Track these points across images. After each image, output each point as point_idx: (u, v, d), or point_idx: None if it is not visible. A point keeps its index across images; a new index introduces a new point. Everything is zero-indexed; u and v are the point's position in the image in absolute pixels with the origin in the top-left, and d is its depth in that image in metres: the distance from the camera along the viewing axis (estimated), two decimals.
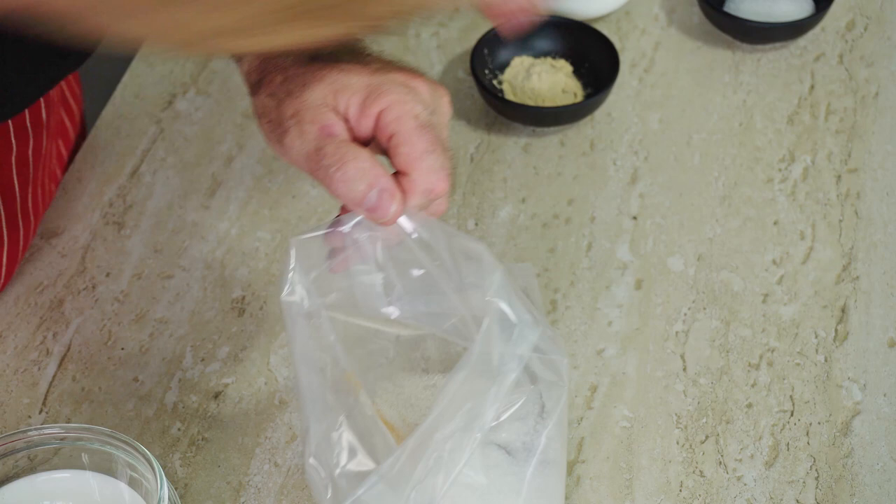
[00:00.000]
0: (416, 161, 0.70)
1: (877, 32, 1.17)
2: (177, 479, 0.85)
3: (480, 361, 0.71)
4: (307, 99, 0.71)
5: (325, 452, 0.73)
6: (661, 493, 0.85)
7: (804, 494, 0.84)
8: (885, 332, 0.93)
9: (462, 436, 0.70)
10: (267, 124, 0.73)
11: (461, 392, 0.71)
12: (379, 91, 0.71)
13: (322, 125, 0.71)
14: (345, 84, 0.72)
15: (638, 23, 1.18)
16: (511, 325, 0.72)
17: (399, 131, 0.70)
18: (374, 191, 0.69)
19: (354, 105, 0.71)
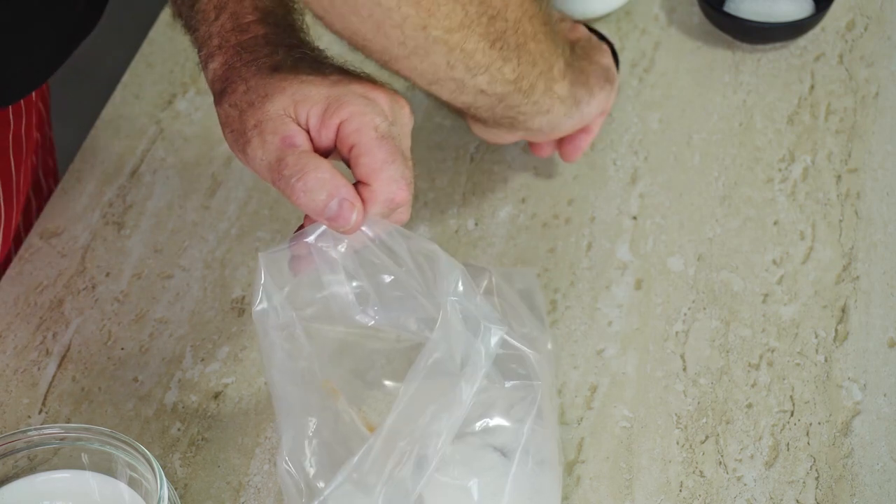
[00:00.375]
0: (377, 172, 0.71)
1: (877, 32, 1.17)
2: (177, 479, 0.85)
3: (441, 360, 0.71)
4: (269, 110, 0.72)
5: (299, 458, 0.73)
6: (661, 494, 0.85)
7: (804, 495, 0.84)
8: (886, 332, 0.93)
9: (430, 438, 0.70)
10: (230, 134, 0.74)
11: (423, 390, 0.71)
12: (339, 102, 0.72)
13: (283, 136, 0.71)
14: (305, 95, 0.72)
15: (638, 23, 1.18)
16: (476, 322, 0.72)
17: (359, 142, 0.71)
18: (334, 200, 0.70)
19: (315, 116, 0.72)
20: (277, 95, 0.72)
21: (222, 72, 0.75)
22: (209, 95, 1.12)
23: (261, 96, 0.73)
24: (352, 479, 0.70)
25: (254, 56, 0.75)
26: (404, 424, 0.70)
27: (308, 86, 0.73)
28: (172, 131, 1.09)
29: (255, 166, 0.72)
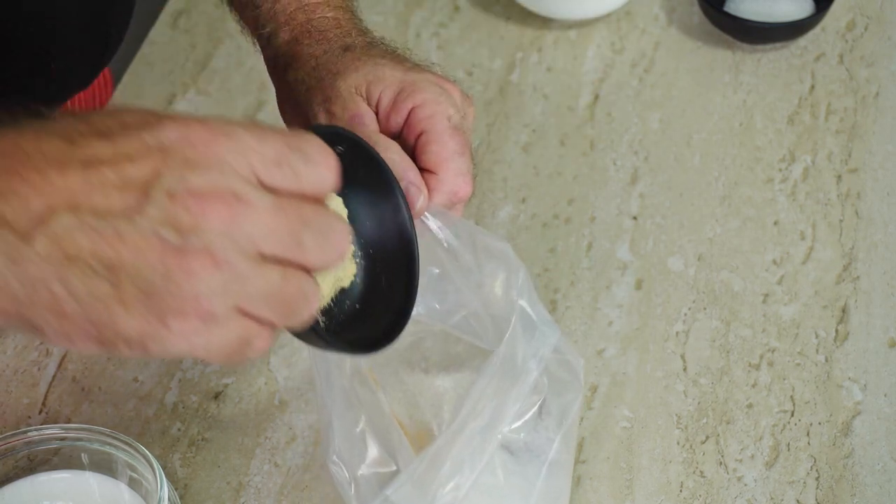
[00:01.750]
0: (445, 161, 0.70)
1: (877, 32, 1.17)
2: (177, 480, 0.85)
3: (507, 362, 0.71)
4: (339, 86, 0.71)
5: (348, 450, 0.73)
6: (661, 494, 0.85)
7: (805, 495, 0.84)
8: (886, 332, 0.93)
9: (483, 436, 0.71)
10: (292, 107, 0.73)
11: (487, 392, 0.71)
12: (413, 87, 0.71)
13: (353, 113, 0.71)
14: (379, 76, 0.71)
15: (638, 23, 1.18)
16: (532, 324, 0.72)
17: (430, 129, 0.70)
18: (402, 183, 0.68)
19: (387, 98, 0.71)
20: (350, 73, 0.72)
21: (287, 47, 0.75)
22: (209, 95, 1.12)
23: (331, 73, 0.72)
24: (411, 480, 0.70)
25: (323, 35, 0.75)
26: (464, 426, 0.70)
27: (382, 67, 0.72)
28: None
29: None
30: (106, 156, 0.52)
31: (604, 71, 1.14)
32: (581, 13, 1.16)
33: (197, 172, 0.52)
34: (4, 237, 0.51)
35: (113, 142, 0.52)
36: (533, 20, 1.18)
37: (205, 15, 1.18)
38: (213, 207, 0.51)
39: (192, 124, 0.52)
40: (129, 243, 0.51)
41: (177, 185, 0.51)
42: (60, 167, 0.51)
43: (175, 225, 0.51)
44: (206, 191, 0.52)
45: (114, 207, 0.51)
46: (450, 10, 1.20)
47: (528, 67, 1.15)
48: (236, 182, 0.52)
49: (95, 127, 0.53)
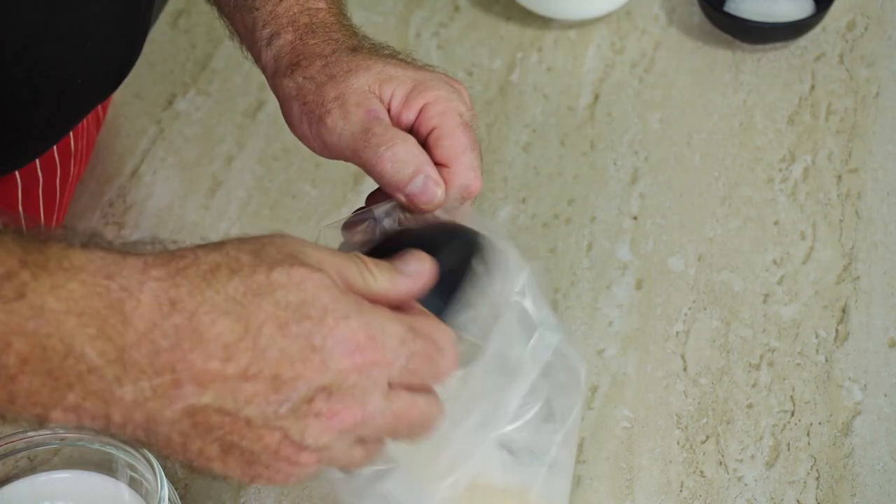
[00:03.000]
0: (459, 155, 0.71)
1: (877, 32, 1.17)
2: (177, 480, 0.85)
3: (497, 359, 0.71)
4: (352, 83, 0.72)
5: None
6: (661, 494, 0.85)
7: (805, 495, 0.84)
8: (886, 332, 0.93)
9: (479, 433, 0.71)
10: (301, 105, 0.74)
11: (477, 389, 0.71)
12: (425, 85, 0.72)
13: (368, 108, 0.72)
14: (391, 74, 0.73)
15: (638, 23, 1.18)
16: (533, 325, 0.72)
17: (442, 125, 0.71)
18: (420, 176, 0.70)
19: (399, 96, 0.72)
20: (362, 72, 0.73)
21: (292, 47, 0.76)
22: (209, 95, 1.12)
23: (343, 71, 0.73)
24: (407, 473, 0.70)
25: (329, 36, 0.76)
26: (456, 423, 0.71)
27: (394, 67, 0.73)
28: (172, 131, 1.09)
29: (333, 137, 0.72)
30: (271, 357, 0.56)
31: (604, 71, 1.14)
32: (581, 13, 1.16)
33: (343, 389, 0.57)
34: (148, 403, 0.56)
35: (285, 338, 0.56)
36: (533, 20, 1.18)
37: (205, 15, 1.18)
38: (341, 419, 0.58)
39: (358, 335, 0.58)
40: (254, 432, 0.57)
41: (321, 395, 0.57)
42: (225, 358, 0.56)
43: (302, 428, 0.57)
44: (342, 404, 0.58)
45: (257, 400, 0.56)
46: (450, 10, 1.20)
47: (528, 67, 1.15)
48: (370, 395, 0.58)
49: (277, 310, 0.57)
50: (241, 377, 0.56)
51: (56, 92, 0.86)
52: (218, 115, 1.11)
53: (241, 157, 1.07)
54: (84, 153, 1.03)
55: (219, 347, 0.55)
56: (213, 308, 0.56)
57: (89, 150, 1.05)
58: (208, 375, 0.55)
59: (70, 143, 0.98)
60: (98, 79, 0.90)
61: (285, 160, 1.06)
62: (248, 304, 0.56)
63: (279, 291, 0.57)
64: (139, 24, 0.91)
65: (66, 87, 0.86)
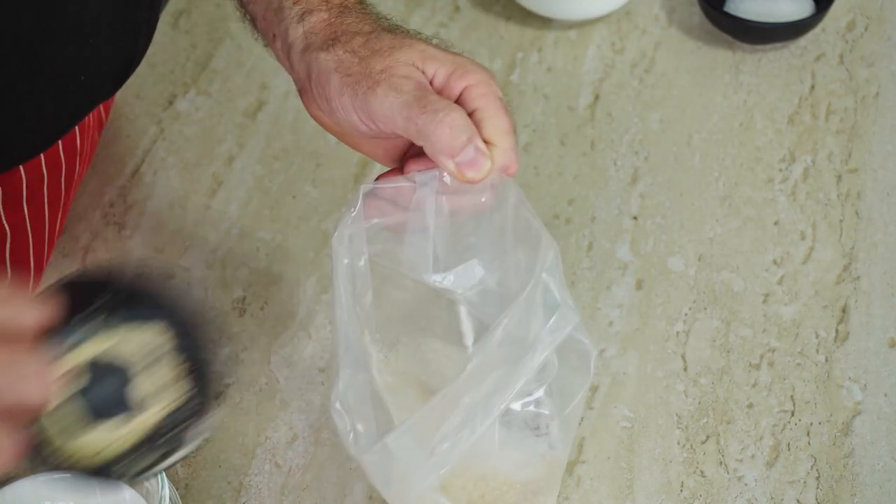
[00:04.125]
0: (503, 136, 0.73)
1: (877, 32, 1.17)
2: (177, 479, 0.85)
3: (516, 330, 0.72)
4: (399, 57, 0.74)
5: (351, 399, 0.74)
6: (661, 494, 0.85)
7: (805, 494, 0.84)
8: (886, 332, 0.93)
9: (488, 402, 0.72)
10: (344, 77, 0.74)
11: (493, 358, 0.72)
12: (465, 69, 0.74)
13: (418, 80, 0.73)
14: (433, 54, 0.74)
15: (638, 23, 1.18)
16: (555, 304, 0.74)
17: (486, 107, 0.73)
18: (471, 146, 0.71)
19: (441, 76, 0.74)
20: (405, 48, 0.74)
21: (328, 24, 0.77)
22: (209, 95, 1.12)
23: (387, 46, 0.74)
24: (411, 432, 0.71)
25: (364, 17, 0.77)
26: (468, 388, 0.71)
27: (433, 48, 0.75)
28: (173, 131, 1.09)
29: (383, 106, 0.73)
30: None
31: (604, 71, 1.14)
32: (581, 13, 1.16)
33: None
34: None
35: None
36: (533, 20, 1.18)
37: (205, 15, 1.18)
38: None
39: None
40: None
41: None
42: None
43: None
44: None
45: None
46: (450, 10, 1.20)
47: (528, 67, 1.15)
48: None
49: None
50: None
51: (56, 88, 0.86)
52: (218, 115, 1.11)
53: (241, 157, 1.07)
54: (88, 153, 1.03)
55: None
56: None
57: (92, 150, 1.05)
58: None
59: (76, 142, 0.98)
60: (100, 77, 0.90)
61: (285, 160, 1.06)
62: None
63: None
64: (143, 23, 0.91)
65: (67, 84, 0.87)
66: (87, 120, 1.00)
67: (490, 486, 0.77)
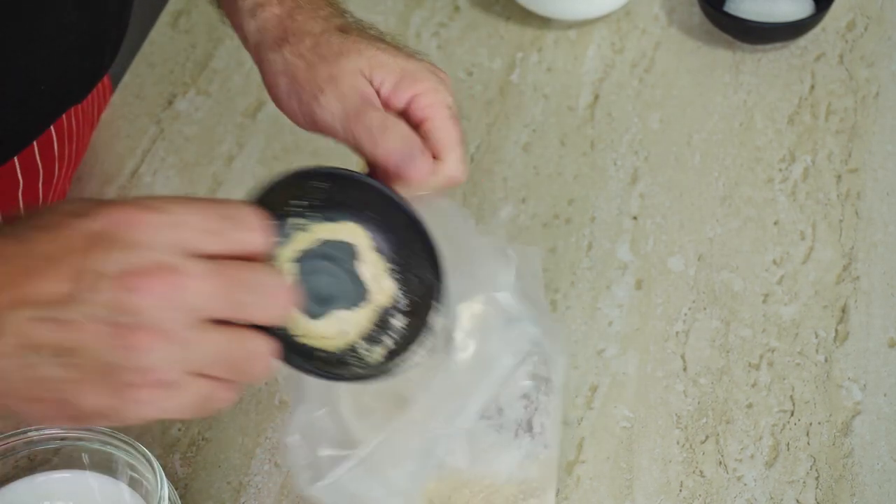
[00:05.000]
0: (449, 148, 0.72)
1: (877, 32, 1.17)
2: (177, 479, 0.85)
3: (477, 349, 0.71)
4: (344, 65, 0.73)
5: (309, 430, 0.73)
6: (661, 494, 0.85)
7: (804, 494, 0.84)
8: (886, 332, 0.93)
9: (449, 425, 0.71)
10: (290, 82, 0.74)
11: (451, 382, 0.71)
12: (414, 77, 0.73)
13: (362, 91, 0.72)
14: (381, 61, 0.73)
15: (638, 23, 1.18)
16: (513, 319, 0.73)
17: (433, 117, 0.72)
18: (414, 152, 0.70)
19: (388, 84, 0.73)
20: (353, 55, 0.73)
21: (278, 21, 0.76)
22: (209, 95, 1.12)
23: (334, 52, 0.73)
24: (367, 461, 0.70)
25: (315, 13, 0.76)
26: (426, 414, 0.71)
27: (383, 53, 0.74)
28: (172, 131, 1.09)
29: (325, 115, 0.72)
30: (46, 250, 0.55)
31: (604, 71, 1.14)
32: (581, 13, 1.16)
33: (129, 252, 0.55)
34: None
35: (52, 233, 0.56)
36: (533, 20, 1.18)
37: (205, 15, 1.18)
38: (149, 283, 0.55)
39: (124, 207, 0.56)
40: (77, 328, 0.55)
41: (112, 267, 0.54)
42: (5, 263, 0.56)
43: (117, 305, 0.54)
44: (140, 268, 0.55)
45: (57, 297, 0.55)
46: (450, 10, 1.20)
47: (528, 67, 1.15)
48: (168, 255, 0.55)
49: (40, 222, 0.57)
50: (27, 276, 0.55)
51: (17, 97, 0.85)
52: (218, 115, 1.11)
53: (241, 157, 1.07)
54: (72, 157, 1.02)
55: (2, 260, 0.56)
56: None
57: (80, 153, 1.05)
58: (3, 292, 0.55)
59: (53, 146, 0.98)
60: (63, 87, 0.89)
61: (285, 160, 1.06)
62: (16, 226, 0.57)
63: (43, 212, 0.58)
64: (109, 35, 0.90)
65: (29, 93, 0.86)
66: (67, 125, 1.00)
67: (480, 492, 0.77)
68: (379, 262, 0.69)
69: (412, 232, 0.68)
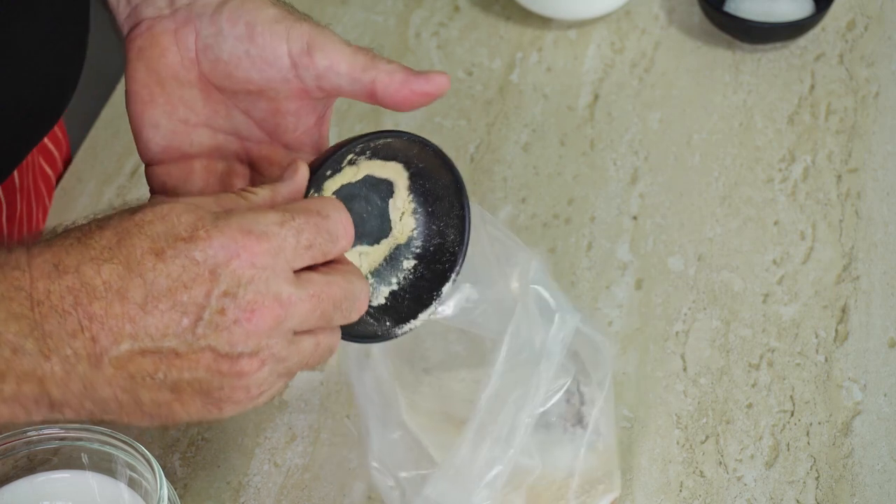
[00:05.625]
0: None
1: (877, 32, 1.17)
2: (176, 479, 0.85)
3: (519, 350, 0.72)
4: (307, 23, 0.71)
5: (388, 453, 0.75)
6: (661, 494, 0.84)
7: (804, 495, 0.84)
8: (886, 332, 0.93)
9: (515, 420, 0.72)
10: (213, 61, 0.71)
11: (507, 380, 0.72)
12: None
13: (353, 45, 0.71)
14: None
15: (638, 23, 1.18)
16: (551, 310, 0.74)
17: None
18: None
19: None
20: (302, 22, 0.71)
21: None
22: None
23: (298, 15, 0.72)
24: (447, 475, 0.71)
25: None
26: (489, 418, 0.72)
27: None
28: None
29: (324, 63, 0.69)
30: (162, 285, 0.57)
31: (604, 71, 1.14)
32: (581, 13, 1.16)
33: (243, 286, 0.58)
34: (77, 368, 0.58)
35: (166, 263, 0.57)
36: (533, 20, 1.18)
37: None
38: (260, 317, 0.58)
39: (230, 235, 0.58)
40: (186, 359, 0.58)
41: (227, 303, 0.58)
42: (121, 300, 0.57)
43: (227, 338, 0.58)
44: (252, 303, 0.58)
45: (171, 330, 0.57)
46: (450, 10, 1.20)
47: (528, 67, 1.15)
48: (276, 285, 0.59)
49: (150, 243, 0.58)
50: (143, 312, 0.57)
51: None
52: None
53: None
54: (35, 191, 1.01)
55: (111, 292, 0.57)
56: (91, 259, 0.58)
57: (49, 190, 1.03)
58: (115, 321, 0.57)
59: (14, 180, 0.96)
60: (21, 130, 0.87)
61: None
62: (123, 245, 0.58)
63: (146, 226, 0.59)
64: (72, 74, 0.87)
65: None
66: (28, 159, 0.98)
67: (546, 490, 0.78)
68: (408, 202, 0.71)
69: (452, 193, 0.71)
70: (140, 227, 0.59)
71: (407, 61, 1.14)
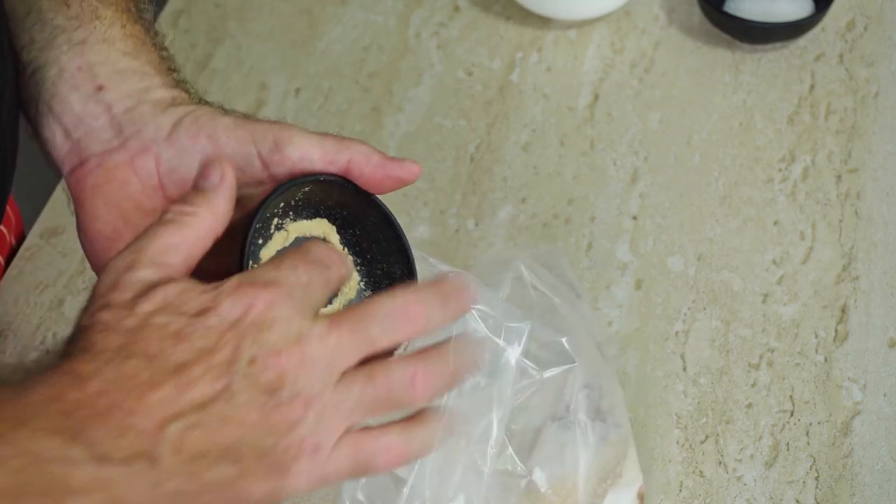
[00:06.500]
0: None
1: (877, 32, 1.17)
2: None
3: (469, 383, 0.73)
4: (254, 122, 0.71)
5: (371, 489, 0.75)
6: (660, 493, 0.85)
7: (804, 494, 0.84)
8: (885, 332, 0.93)
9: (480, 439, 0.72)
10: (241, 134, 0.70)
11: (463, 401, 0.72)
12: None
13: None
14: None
15: (638, 23, 1.18)
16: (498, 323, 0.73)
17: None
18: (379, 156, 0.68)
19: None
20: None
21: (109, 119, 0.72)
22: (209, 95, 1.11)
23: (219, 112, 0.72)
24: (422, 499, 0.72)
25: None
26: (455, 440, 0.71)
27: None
28: None
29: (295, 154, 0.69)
30: (188, 358, 0.56)
31: (604, 71, 1.14)
32: (581, 13, 1.16)
33: (266, 332, 0.57)
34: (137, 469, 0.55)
35: (189, 341, 0.56)
36: (533, 20, 1.18)
37: (205, 15, 1.18)
38: (287, 356, 0.57)
39: (242, 289, 0.58)
40: (234, 421, 0.56)
41: (255, 351, 0.57)
42: (152, 386, 0.56)
43: (265, 387, 0.56)
44: (278, 345, 0.57)
45: (210, 396, 0.56)
46: (450, 10, 1.20)
47: (528, 67, 1.15)
48: (296, 324, 0.58)
49: (165, 330, 0.57)
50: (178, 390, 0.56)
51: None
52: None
53: None
54: None
55: (141, 386, 0.56)
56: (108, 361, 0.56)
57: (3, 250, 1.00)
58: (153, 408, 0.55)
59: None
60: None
61: None
62: (137, 341, 0.57)
63: (153, 318, 0.57)
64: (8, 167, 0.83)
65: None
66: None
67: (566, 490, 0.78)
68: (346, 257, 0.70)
69: (383, 228, 0.69)
70: (146, 320, 0.57)
71: (407, 61, 1.14)
